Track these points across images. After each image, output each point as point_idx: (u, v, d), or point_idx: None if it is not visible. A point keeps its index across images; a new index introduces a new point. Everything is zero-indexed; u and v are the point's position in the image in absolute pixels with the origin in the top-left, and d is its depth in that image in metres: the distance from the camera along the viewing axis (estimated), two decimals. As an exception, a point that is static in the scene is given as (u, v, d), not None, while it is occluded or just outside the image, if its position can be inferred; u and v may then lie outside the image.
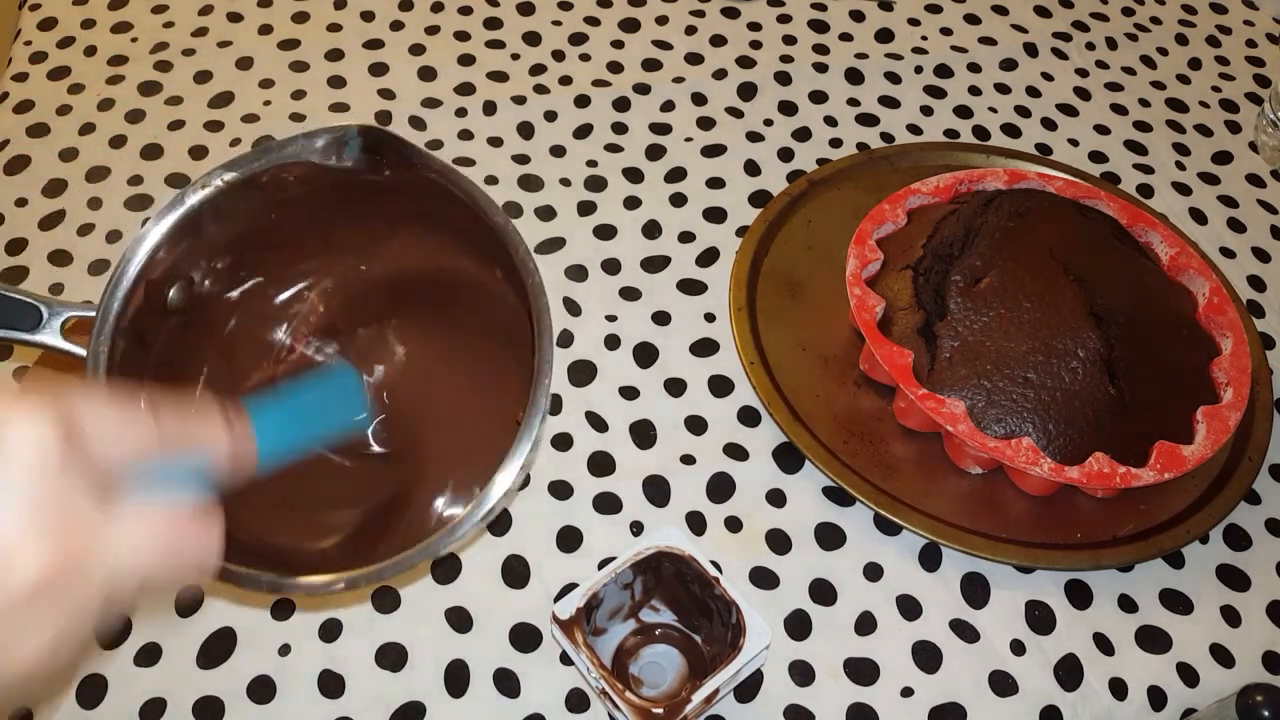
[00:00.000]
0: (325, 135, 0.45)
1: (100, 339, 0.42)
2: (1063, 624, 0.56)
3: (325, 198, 0.47)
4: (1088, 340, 0.58)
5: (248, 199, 0.46)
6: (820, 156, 0.76)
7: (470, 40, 0.82)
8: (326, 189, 0.47)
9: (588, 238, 0.71)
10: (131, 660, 0.53)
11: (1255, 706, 0.45)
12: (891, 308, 0.62)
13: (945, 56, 0.84)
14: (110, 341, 0.42)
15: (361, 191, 0.47)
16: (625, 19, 0.85)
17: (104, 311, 0.42)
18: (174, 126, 0.75)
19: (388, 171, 0.46)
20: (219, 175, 0.44)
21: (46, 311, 0.42)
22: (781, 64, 0.82)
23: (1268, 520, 0.61)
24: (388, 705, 0.52)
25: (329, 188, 0.47)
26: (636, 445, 0.61)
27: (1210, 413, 0.59)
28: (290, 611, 0.55)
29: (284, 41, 0.81)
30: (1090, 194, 0.68)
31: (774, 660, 0.54)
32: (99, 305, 0.42)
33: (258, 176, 0.45)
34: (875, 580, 0.57)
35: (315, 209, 0.48)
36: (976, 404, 0.58)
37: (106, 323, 0.42)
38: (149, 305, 0.44)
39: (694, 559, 0.51)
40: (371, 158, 0.45)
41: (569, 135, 0.76)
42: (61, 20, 0.82)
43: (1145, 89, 0.83)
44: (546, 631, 0.54)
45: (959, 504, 0.59)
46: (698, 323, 0.67)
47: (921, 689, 0.54)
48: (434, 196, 0.46)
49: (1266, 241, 0.74)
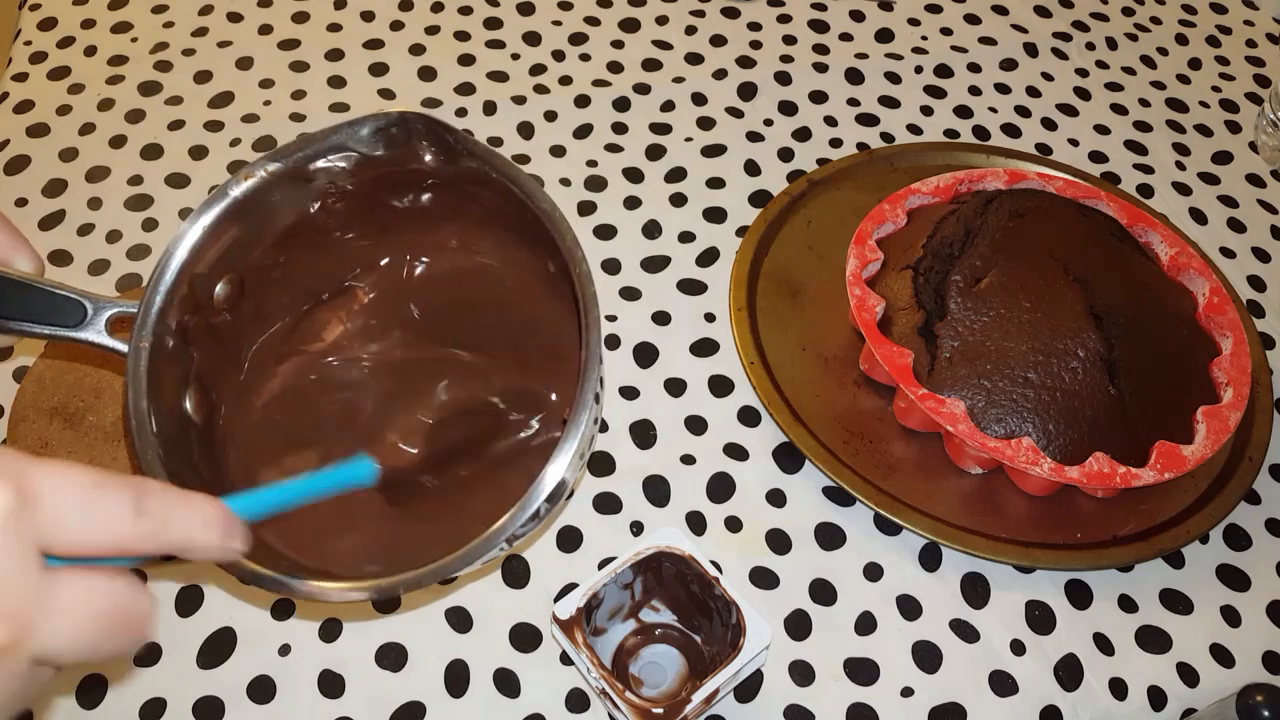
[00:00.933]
0: (369, 123, 0.43)
1: (141, 334, 0.41)
2: (1063, 624, 0.56)
3: (370, 190, 0.46)
4: (1088, 340, 0.58)
5: (293, 192, 0.44)
6: (820, 156, 0.76)
7: (470, 40, 0.82)
8: (371, 181, 0.46)
9: (588, 238, 0.71)
10: (131, 660, 0.53)
11: (1255, 706, 0.45)
12: (891, 308, 0.62)
13: (945, 56, 0.84)
14: (152, 338, 0.41)
15: (406, 183, 0.46)
16: (625, 19, 0.85)
17: (146, 306, 0.41)
18: (174, 126, 0.75)
19: (429, 158, 0.44)
20: (263, 166, 0.43)
21: (91, 308, 0.41)
22: (781, 64, 0.82)
23: (1268, 520, 0.61)
24: (388, 705, 0.52)
25: (373, 180, 0.46)
26: (636, 445, 0.61)
27: (1210, 413, 0.59)
28: (290, 611, 0.55)
29: (284, 41, 0.81)
30: (1090, 194, 0.68)
31: (774, 660, 0.54)
32: (141, 301, 0.41)
33: (302, 167, 0.44)
34: (875, 580, 0.57)
35: (360, 203, 0.46)
36: (976, 404, 0.58)
37: (148, 319, 0.41)
38: (194, 301, 0.43)
39: (694, 559, 0.51)
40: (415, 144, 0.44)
41: (569, 135, 0.76)
42: (61, 20, 0.82)
43: (1145, 89, 0.83)
44: (546, 631, 0.54)
45: (959, 504, 0.59)
46: (698, 323, 0.67)
47: (921, 689, 0.54)
48: (479, 186, 0.44)
49: (1266, 241, 0.74)
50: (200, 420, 0.45)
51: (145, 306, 0.41)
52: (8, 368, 0.63)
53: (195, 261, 0.43)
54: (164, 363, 0.42)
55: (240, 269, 0.46)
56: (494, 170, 0.44)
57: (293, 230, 0.46)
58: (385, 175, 0.45)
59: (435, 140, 0.44)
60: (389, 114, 0.43)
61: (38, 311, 0.40)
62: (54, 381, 0.60)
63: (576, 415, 0.41)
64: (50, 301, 0.40)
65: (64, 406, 0.59)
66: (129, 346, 0.41)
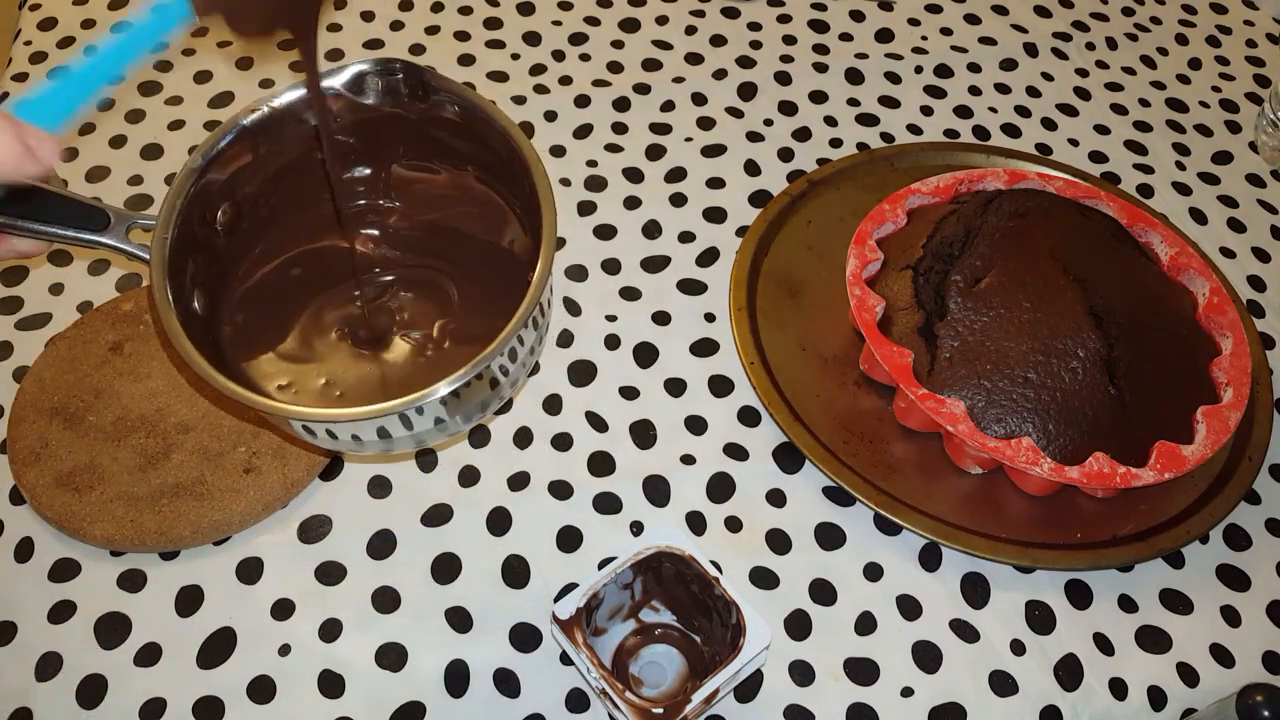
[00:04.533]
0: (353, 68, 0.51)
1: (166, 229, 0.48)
2: (1063, 624, 0.56)
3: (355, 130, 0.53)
4: (1088, 340, 0.58)
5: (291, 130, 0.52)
6: (820, 156, 0.76)
7: (470, 40, 0.82)
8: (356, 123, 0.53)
9: (588, 238, 0.71)
10: (131, 660, 0.53)
11: (1255, 706, 0.45)
12: (891, 308, 0.62)
13: (945, 56, 0.84)
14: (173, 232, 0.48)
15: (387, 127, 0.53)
16: (625, 19, 0.85)
17: (166, 213, 0.48)
18: (174, 126, 0.75)
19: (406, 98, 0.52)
20: (266, 102, 0.51)
21: (114, 217, 0.48)
22: (781, 64, 0.82)
23: (1268, 520, 0.61)
24: (388, 705, 0.52)
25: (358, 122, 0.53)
26: (636, 445, 0.61)
27: (1210, 413, 0.59)
28: (290, 611, 0.55)
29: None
30: (1090, 194, 0.68)
31: (774, 660, 0.54)
32: (160, 211, 0.48)
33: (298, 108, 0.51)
34: (875, 580, 0.57)
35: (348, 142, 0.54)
36: (976, 404, 0.58)
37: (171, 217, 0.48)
38: (202, 218, 0.50)
39: (694, 559, 0.51)
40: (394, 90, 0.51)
41: (569, 135, 0.76)
42: (61, 20, 0.82)
43: (1145, 89, 0.83)
44: (546, 631, 0.54)
45: (959, 504, 0.59)
46: (698, 323, 0.67)
47: (921, 689, 0.54)
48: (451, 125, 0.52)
49: (1266, 241, 0.74)
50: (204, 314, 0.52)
51: (168, 208, 0.48)
52: (8, 368, 0.63)
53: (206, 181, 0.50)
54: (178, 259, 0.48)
55: (238, 198, 0.53)
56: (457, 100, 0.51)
57: (287, 167, 0.54)
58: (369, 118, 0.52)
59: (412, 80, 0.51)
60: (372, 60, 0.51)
61: (66, 217, 0.47)
62: (54, 381, 0.60)
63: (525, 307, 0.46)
64: (78, 209, 0.47)
65: (64, 406, 0.59)
66: (153, 242, 0.48)
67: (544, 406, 0.63)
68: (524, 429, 0.62)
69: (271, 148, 0.53)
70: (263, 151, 0.53)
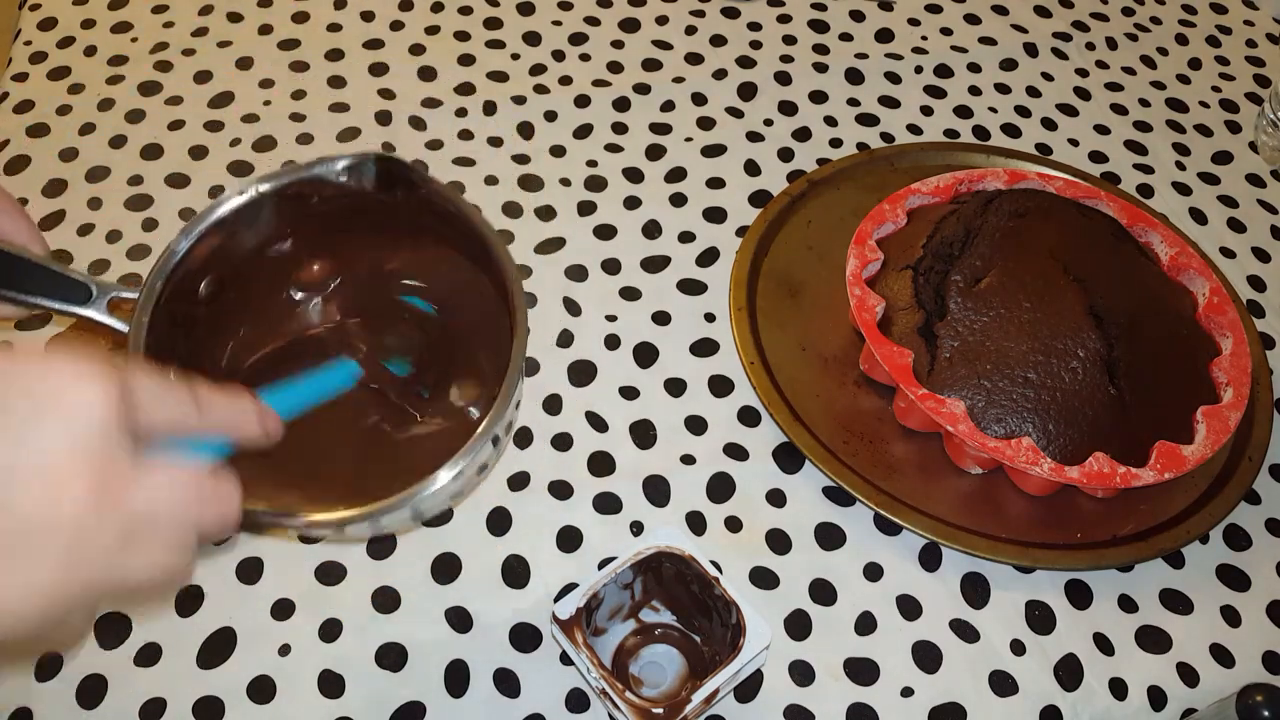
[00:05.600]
0: (345, 160, 0.51)
1: (143, 315, 0.48)
2: (1063, 624, 0.56)
3: (343, 214, 0.53)
4: (1088, 340, 0.58)
5: (276, 209, 0.52)
6: (820, 156, 0.76)
7: (470, 40, 0.82)
8: (345, 208, 0.53)
9: (588, 238, 0.71)
10: (131, 660, 0.53)
11: (1255, 706, 0.45)
12: (891, 308, 0.62)
13: (945, 56, 0.84)
14: (150, 318, 0.48)
15: (376, 210, 0.53)
16: (625, 19, 0.85)
17: (148, 291, 0.49)
18: (174, 126, 0.75)
19: (399, 193, 0.52)
20: (254, 185, 0.51)
21: (95, 289, 0.48)
22: (781, 64, 0.82)
23: (1268, 520, 0.61)
24: (388, 705, 0.52)
25: (347, 207, 0.53)
26: (636, 445, 0.61)
27: (1210, 413, 0.59)
28: (290, 611, 0.55)
29: (284, 41, 0.81)
30: (1090, 194, 0.68)
31: (774, 660, 0.54)
32: (142, 287, 0.49)
33: (286, 190, 0.51)
34: (875, 580, 0.57)
35: (333, 223, 0.53)
36: (976, 404, 0.58)
37: (150, 302, 0.48)
38: (184, 293, 0.50)
39: (694, 559, 0.51)
40: (386, 182, 0.52)
41: (569, 135, 0.76)
42: (61, 20, 0.82)
43: (1145, 89, 0.83)
44: (546, 631, 0.54)
45: (959, 504, 0.59)
46: (698, 323, 0.67)
47: (921, 689, 0.54)
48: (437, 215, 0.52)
49: (1266, 241, 0.74)
50: None
51: (147, 292, 0.48)
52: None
53: (190, 260, 0.50)
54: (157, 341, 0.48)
55: (224, 271, 0.52)
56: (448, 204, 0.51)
57: (270, 243, 0.53)
58: (356, 204, 0.52)
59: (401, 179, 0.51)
60: (363, 154, 0.51)
61: (50, 289, 0.48)
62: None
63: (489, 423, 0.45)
64: (62, 282, 0.48)
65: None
66: (131, 324, 0.48)
67: (544, 406, 0.63)
68: (524, 429, 0.62)
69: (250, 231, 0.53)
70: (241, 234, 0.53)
